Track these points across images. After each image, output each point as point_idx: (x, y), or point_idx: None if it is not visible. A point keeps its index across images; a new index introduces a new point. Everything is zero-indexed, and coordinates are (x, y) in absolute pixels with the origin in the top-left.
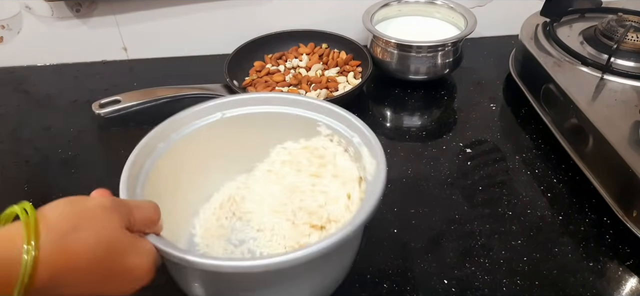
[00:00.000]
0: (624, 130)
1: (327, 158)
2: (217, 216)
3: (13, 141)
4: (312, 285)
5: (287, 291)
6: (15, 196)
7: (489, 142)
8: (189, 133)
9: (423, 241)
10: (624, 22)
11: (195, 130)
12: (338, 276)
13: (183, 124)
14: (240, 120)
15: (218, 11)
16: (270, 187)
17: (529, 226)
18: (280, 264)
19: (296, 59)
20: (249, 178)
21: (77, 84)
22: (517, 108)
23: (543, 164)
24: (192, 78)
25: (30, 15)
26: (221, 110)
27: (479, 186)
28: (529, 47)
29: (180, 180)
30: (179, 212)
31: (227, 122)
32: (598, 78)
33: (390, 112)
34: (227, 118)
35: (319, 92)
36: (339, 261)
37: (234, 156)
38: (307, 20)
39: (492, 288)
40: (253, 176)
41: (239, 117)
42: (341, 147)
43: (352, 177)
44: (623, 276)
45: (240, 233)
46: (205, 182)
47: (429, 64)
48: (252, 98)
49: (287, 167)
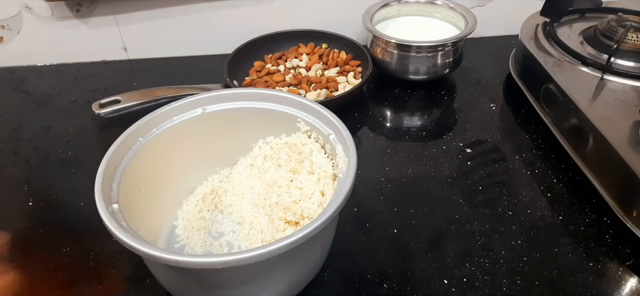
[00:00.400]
0: (624, 130)
1: (304, 154)
2: (200, 208)
3: (13, 141)
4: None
5: (249, 288)
6: (15, 196)
7: (489, 142)
8: (169, 127)
9: (423, 242)
10: (624, 22)
11: (176, 125)
12: (306, 273)
13: (164, 119)
14: (221, 116)
15: (218, 11)
16: (252, 181)
17: (529, 227)
18: (234, 262)
19: (296, 59)
20: (232, 171)
21: (77, 84)
22: (517, 109)
23: (543, 164)
24: (192, 78)
25: (30, 15)
26: (202, 105)
27: (479, 186)
28: (529, 47)
29: (162, 174)
30: (162, 205)
31: (209, 116)
32: (598, 78)
33: (390, 112)
34: (209, 113)
35: (319, 92)
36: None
37: (218, 150)
38: (307, 20)
39: (492, 288)
40: (236, 170)
41: (221, 112)
42: (318, 144)
43: (327, 174)
44: (623, 276)
45: (221, 226)
46: (190, 175)
47: (429, 64)
48: (233, 93)
49: (269, 161)
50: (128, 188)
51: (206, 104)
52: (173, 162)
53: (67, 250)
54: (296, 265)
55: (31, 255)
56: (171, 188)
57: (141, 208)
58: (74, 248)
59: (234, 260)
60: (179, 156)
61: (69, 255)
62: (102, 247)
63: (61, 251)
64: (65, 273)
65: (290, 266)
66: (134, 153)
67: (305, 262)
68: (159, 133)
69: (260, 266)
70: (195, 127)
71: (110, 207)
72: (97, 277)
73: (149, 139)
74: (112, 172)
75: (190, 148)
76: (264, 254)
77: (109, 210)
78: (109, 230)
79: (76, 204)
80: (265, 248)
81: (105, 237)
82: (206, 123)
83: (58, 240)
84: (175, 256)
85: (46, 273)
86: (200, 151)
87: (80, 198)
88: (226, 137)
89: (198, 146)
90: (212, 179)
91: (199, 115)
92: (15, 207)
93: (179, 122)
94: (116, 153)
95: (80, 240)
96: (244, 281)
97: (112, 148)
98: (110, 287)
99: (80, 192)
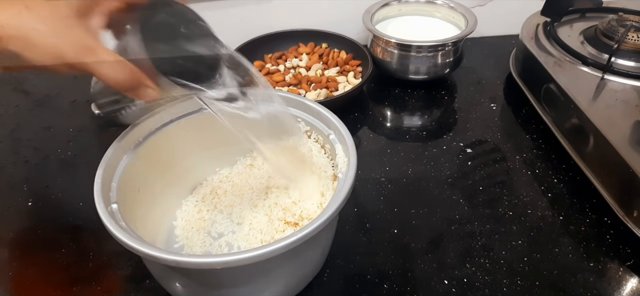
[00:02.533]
0: (625, 130)
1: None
2: (199, 208)
3: (13, 141)
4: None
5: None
6: (15, 196)
7: (490, 142)
8: (168, 128)
9: (423, 242)
10: (624, 22)
11: (175, 125)
12: (306, 274)
13: (163, 120)
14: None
15: (218, 11)
16: (251, 181)
17: (530, 227)
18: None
19: (296, 58)
20: (232, 172)
21: (76, 84)
22: (518, 108)
23: (543, 164)
24: None
25: None
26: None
27: (479, 186)
28: (530, 46)
29: (161, 175)
30: (161, 205)
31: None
32: (599, 78)
33: (391, 112)
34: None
35: (319, 92)
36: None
37: (218, 150)
38: (307, 20)
39: (492, 288)
40: (236, 170)
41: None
42: (318, 144)
43: (327, 174)
44: (624, 276)
45: (220, 226)
46: (189, 175)
47: (429, 64)
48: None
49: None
50: (127, 188)
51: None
52: (172, 162)
53: (66, 250)
54: (296, 266)
55: (31, 255)
56: (170, 189)
57: (140, 208)
58: (73, 248)
59: (233, 260)
60: (178, 156)
61: (68, 255)
62: (102, 247)
63: (60, 252)
64: (65, 273)
65: (289, 266)
66: (133, 153)
67: (304, 263)
68: (158, 134)
69: (259, 267)
70: (195, 127)
71: (110, 207)
72: (96, 277)
73: (149, 139)
74: (112, 172)
75: (190, 148)
76: (263, 254)
77: (108, 210)
78: (108, 230)
79: (75, 204)
80: (264, 248)
81: (105, 237)
82: (205, 123)
83: (57, 240)
84: (174, 256)
85: (45, 273)
86: (200, 151)
87: (79, 198)
88: (225, 137)
89: (197, 146)
90: (211, 179)
91: (198, 115)
92: (15, 207)
93: (178, 122)
94: (115, 153)
95: (80, 240)
96: (243, 281)
97: (111, 148)
98: (110, 287)
99: (80, 192)
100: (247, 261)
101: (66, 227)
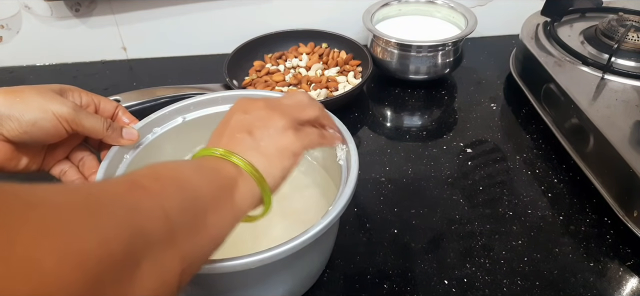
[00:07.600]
0: (625, 130)
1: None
2: None
3: None
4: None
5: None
6: None
7: (490, 141)
8: (169, 129)
9: (423, 242)
10: (624, 22)
11: (176, 126)
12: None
13: (163, 121)
14: (204, 122)
15: (218, 11)
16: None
17: (530, 227)
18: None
19: (296, 58)
20: None
21: (76, 84)
22: (518, 108)
23: (544, 164)
24: (191, 78)
25: (29, 15)
26: (182, 114)
27: (479, 186)
28: (530, 46)
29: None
30: None
31: (190, 124)
32: (599, 78)
33: (391, 112)
34: (190, 120)
35: (319, 92)
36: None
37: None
38: (307, 20)
39: (492, 288)
40: None
41: (203, 118)
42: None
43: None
44: (624, 276)
45: None
46: None
47: (429, 64)
48: (212, 98)
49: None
50: None
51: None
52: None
53: None
54: (296, 270)
55: None
56: None
57: None
58: None
59: (233, 265)
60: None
61: None
62: None
63: None
64: None
65: (289, 271)
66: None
67: (305, 267)
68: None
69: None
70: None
71: None
72: None
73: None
74: (113, 171)
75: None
76: (263, 259)
77: None
78: None
79: None
80: (265, 253)
81: None
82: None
83: None
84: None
85: None
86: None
87: None
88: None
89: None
90: None
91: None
92: None
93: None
94: (117, 153)
95: None
96: (243, 286)
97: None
98: None
99: None
100: (247, 266)
101: None
